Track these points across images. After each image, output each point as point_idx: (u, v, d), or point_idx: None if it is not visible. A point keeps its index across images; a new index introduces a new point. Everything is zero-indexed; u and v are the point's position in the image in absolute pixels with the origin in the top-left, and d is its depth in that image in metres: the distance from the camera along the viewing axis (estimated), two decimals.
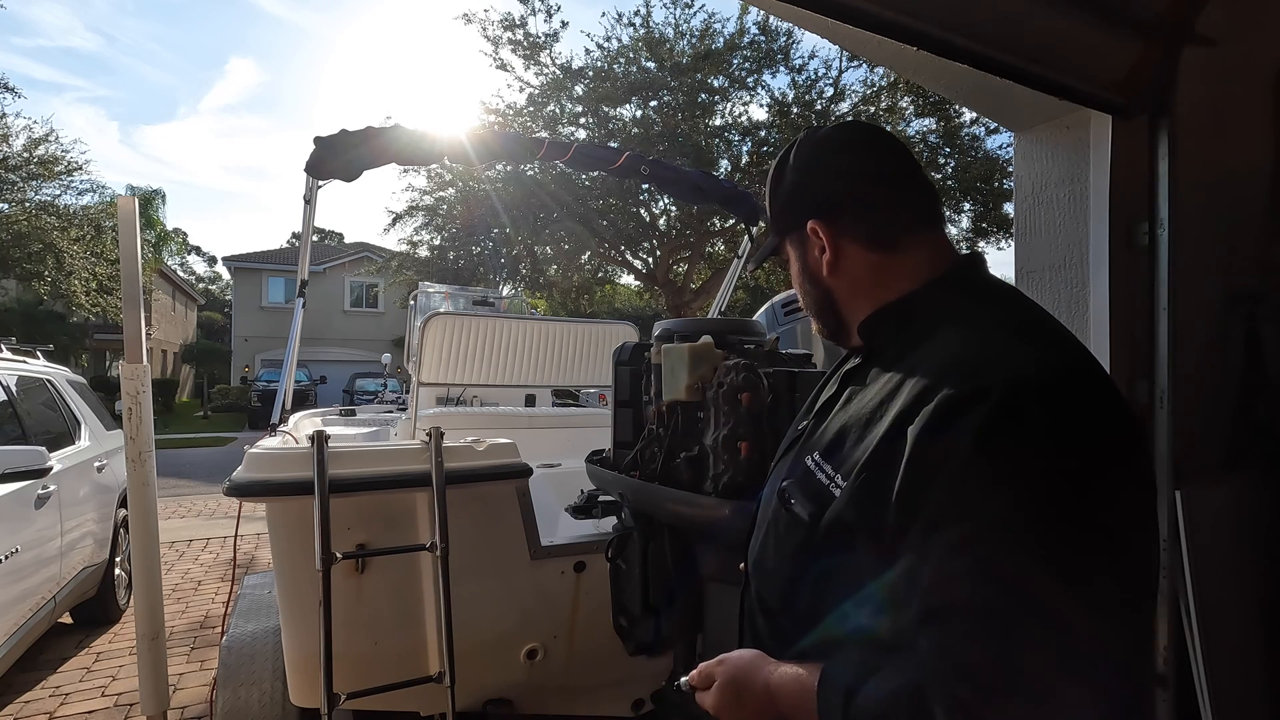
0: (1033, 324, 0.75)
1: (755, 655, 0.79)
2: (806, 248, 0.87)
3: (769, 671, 0.75)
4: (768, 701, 0.74)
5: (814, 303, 0.89)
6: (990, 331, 0.72)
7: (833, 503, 0.73)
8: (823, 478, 0.76)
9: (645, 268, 14.24)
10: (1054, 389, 0.64)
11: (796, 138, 0.91)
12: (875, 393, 0.76)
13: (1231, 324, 1.57)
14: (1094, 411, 0.64)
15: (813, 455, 0.79)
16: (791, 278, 0.92)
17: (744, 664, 0.79)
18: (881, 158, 0.85)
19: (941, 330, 0.74)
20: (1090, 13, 1.31)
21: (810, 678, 0.70)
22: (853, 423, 0.77)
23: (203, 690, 3.22)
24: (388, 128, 2.70)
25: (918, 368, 0.71)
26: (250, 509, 4.12)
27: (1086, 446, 0.62)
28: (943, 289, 0.80)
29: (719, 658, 0.81)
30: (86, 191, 16.15)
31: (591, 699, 2.19)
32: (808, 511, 0.76)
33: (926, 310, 0.79)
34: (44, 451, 3.19)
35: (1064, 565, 0.58)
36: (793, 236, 0.89)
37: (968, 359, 0.68)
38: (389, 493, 1.81)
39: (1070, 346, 0.72)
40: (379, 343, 23.75)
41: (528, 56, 11.84)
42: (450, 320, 3.63)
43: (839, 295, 0.86)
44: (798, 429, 0.92)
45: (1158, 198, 1.46)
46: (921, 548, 0.63)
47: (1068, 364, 0.68)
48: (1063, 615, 0.58)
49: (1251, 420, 1.58)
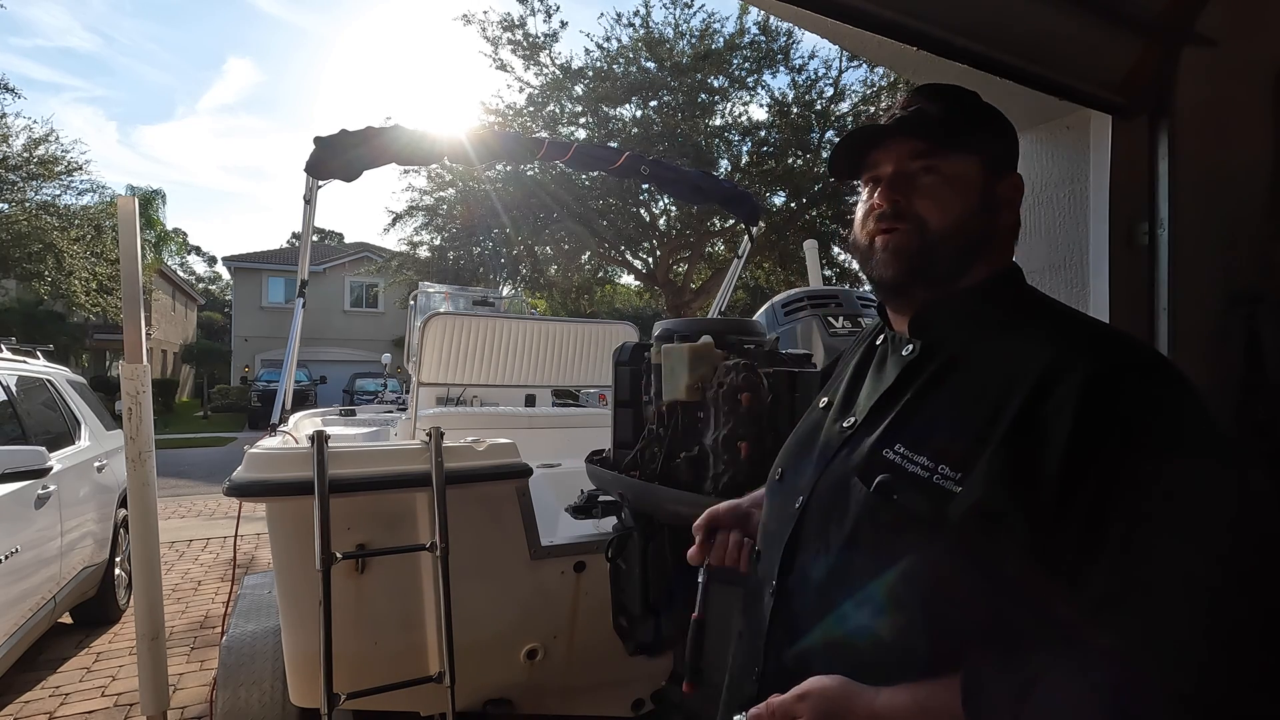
0: (1095, 321, 0.80)
1: (841, 681, 0.69)
2: (999, 183, 0.81)
3: (870, 698, 0.66)
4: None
5: (967, 235, 0.78)
6: (1070, 325, 0.75)
7: (950, 494, 0.67)
8: (918, 470, 0.70)
9: (645, 268, 14.24)
10: (1170, 368, 0.66)
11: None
12: (966, 382, 0.73)
13: (1231, 324, 1.57)
14: (1193, 388, 0.66)
15: (893, 449, 0.74)
16: (939, 186, 0.78)
17: (834, 693, 0.68)
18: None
19: (1013, 325, 0.76)
20: (1090, 13, 1.31)
21: (937, 697, 0.63)
22: (944, 413, 0.73)
23: (203, 690, 3.22)
24: (388, 128, 2.70)
25: (1020, 355, 0.70)
26: (250, 509, 4.12)
27: (1208, 417, 0.64)
28: (1014, 287, 0.82)
29: (797, 691, 0.70)
30: (86, 191, 16.19)
31: (591, 699, 2.19)
32: (924, 505, 0.68)
33: (1001, 304, 0.80)
34: (44, 451, 3.18)
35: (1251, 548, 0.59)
36: (993, 162, 0.81)
37: (1080, 346, 0.68)
38: (389, 493, 1.81)
39: (1135, 337, 0.76)
40: (379, 343, 23.75)
41: (527, 57, 11.85)
42: (450, 320, 3.63)
43: (993, 243, 0.80)
44: (840, 426, 0.84)
45: (1158, 198, 1.46)
46: (1092, 535, 0.59)
47: (1153, 349, 0.72)
48: (1259, 590, 0.57)
49: (1252, 420, 1.58)
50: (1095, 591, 0.59)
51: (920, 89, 0.84)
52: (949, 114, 0.80)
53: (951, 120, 0.80)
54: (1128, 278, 1.48)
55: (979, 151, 0.80)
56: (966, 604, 0.65)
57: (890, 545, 0.71)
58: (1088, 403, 0.62)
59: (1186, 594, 0.57)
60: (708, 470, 1.60)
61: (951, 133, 0.79)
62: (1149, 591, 0.57)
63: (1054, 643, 0.60)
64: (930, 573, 0.68)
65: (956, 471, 0.67)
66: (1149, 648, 0.57)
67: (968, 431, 0.69)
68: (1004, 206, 0.81)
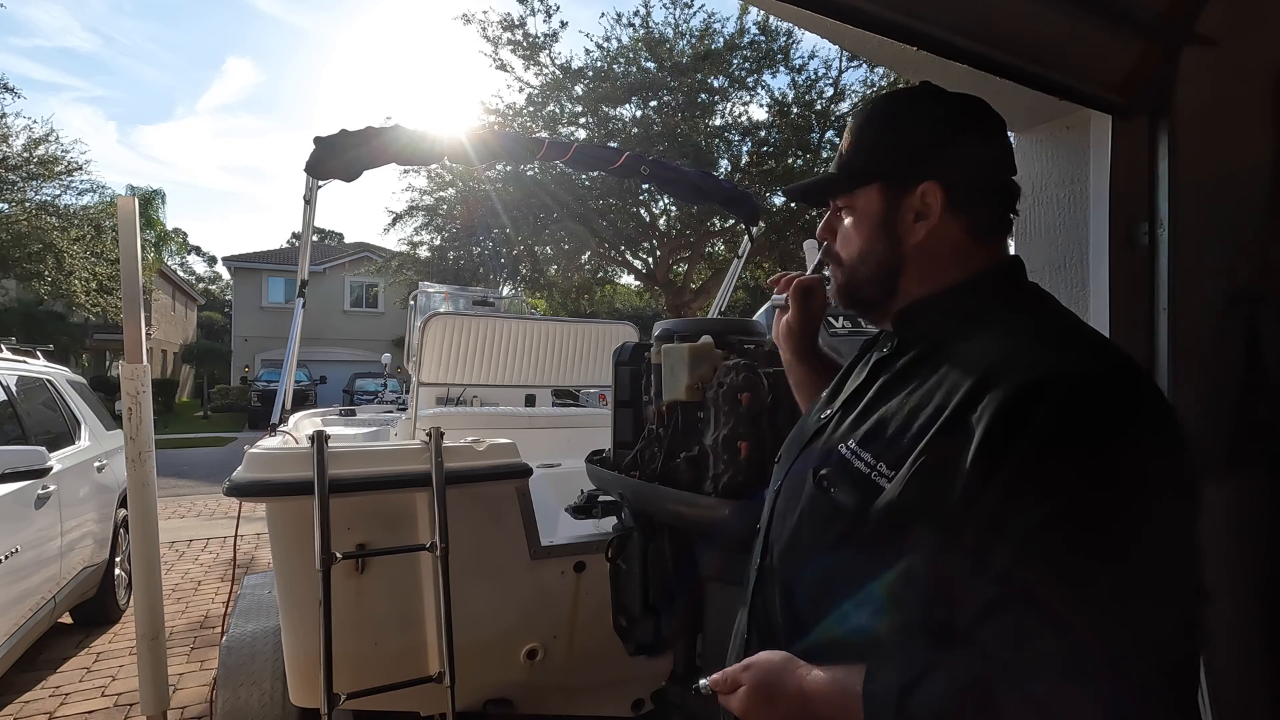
0: (1074, 322, 0.77)
1: (784, 657, 0.75)
2: (901, 205, 0.80)
3: (801, 674, 0.72)
4: (801, 705, 0.71)
5: (876, 264, 0.82)
6: (1045, 326, 0.74)
7: (881, 491, 0.70)
8: (862, 466, 0.73)
9: (645, 268, 14.24)
10: (1118, 379, 0.65)
11: (918, 85, 0.85)
12: (920, 383, 0.75)
13: (1231, 324, 1.57)
14: (1147, 407, 0.65)
15: (846, 444, 0.77)
16: (847, 225, 0.84)
17: (774, 666, 0.74)
18: (1009, 148, 0.83)
19: (989, 326, 0.75)
20: (1090, 13, 1.31)
21: (851, 679, 0.67)
22: (895, 412, 0.74)
23: (203, 690, 3.22)
24: (388, 128, 2.70)
25: (972, 359, 0.71)
26: (250, 509, 4.12)
27: (1146, 439, 0.62)
28: (996, 285, 0.80)
29: (745, 661, 0.77)
30: (86, 191, 16.19)
31: (591, 699, 2.19)
32: (853, 500, 0.73)
33: (982, 302, 0.79)
34: (44, 451, 3.18)
35: (1134, 556, 0.58)
36: (890, 186, 0.81)
37: (1031, 350, 0.68)
38: (389, 493, 1.81)
39: (1116, 349, 0.73)
40: (379, 343, 23.74)
41: (527, 57, 11.85)
42: (450, 320, 3.63)
43: (911, 265, 0.80)
44: (820, 418, 0.88)
45: (1158, 198, 1.46)
46: (987, 539, 0.61)
47: (1121, 355, 0.70)
48: (1136, 608, 0.57)
49: (1252, 420, 1.58)
50: (983, 595, 0.61)
51: (853, 115, 0.87)
52: (853, 150, 0.84)
53: (852, 158, 0.84)
54: (1128, 278, 1.48)
55: (876, 178, 0.82)
56: (873, 596, 0.70)
57: (822, 537, 0.77)
58: (1004, 412, 0.63)
59: (1059, 608, 0.58)
60: (708, 470, 1.59)
61: (851, 172, 0.83)
62: (1026, 601, 0.59)
63: (949, 642, 0.64)
64: (850, 565, 0.73)
65: (891, 470, 0.70)
66: (1019, 651, 0.59)
67: (908, 431, 0.71)
68: (916, 222, 0.79)
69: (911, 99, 0.84)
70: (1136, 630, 0.57)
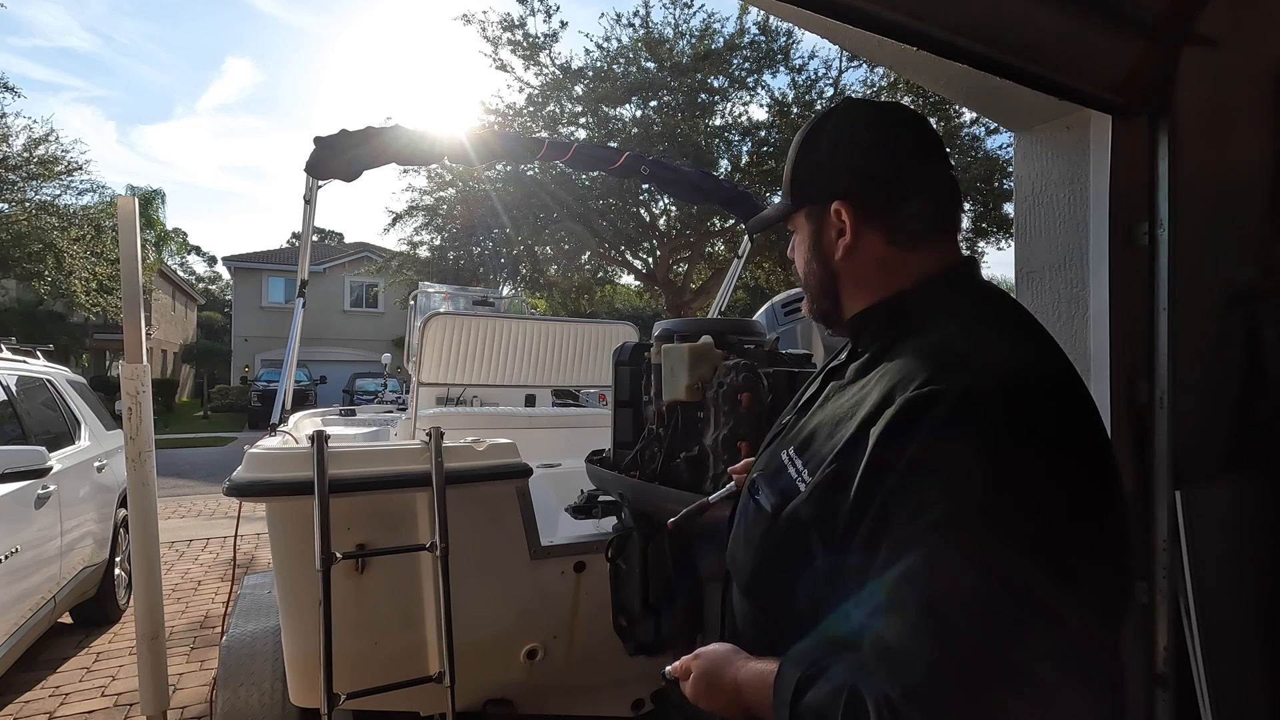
0: (1005, 329, 0.76)
1: (728, 650, 0.82)
2: (824, 225, 0.83)
3: (738, 666, 0.78)
4: (735, 695, 0.77)
5: (817, 283, 0.87)
6: (959, 337, 0.72)
7: (795, 497, 0.74)
8: (793, 472, 0.77)
9: (645, 268, 14.24)
10: (1009, 393, 0.64)
11: (838, 104, 0.87)
12: (850, 393, 0.78)
13: (1231, 324, 1.57)
14: (1050, 415, 0.64)
15: (788, 450, 0.80)
16: (795, 250, 0.90)
17: (716, 658, 0.81)
18: (926, 151, 0.83)
19: (919, 335, 0.74)
20: (1090, 13, 1.31)
21: (771, 673, 0.72)
22: (826, 421, 0.78)
23: (203, 690, 3.22)
24: (388, 128, 2.70)
25: (889, 371, 0.72)
26: (250, 509, 4.12)
27: (1038, 449, 0.62)
28: (933, 293, 0.79)
29: (696, 651, 0.84)
30: (86, 191, 16.18)
31: (591, 699, 2.19)
32: (770, 503, 0.78)
33: (912, 312, 0.79)
34: (44, 451, 3.18)
35: (1004, 568, 0.58)
36: (812, 209, 0.85)
37: (931, 363, 0.68)
38: (389, 493, 1.81)
39: (1042, 350, 0.73)
40: (379, 343, 23.75)
41: (527, 57, 11.84)
42: (450, 320, 3.63)
43: (844, 281, 0.84)
44: (781, 423, 0.93)
45: (1158, 198, 1.46)
46: (867, 549, 0.65)
47: (1031, 368, 0.69)
48: (1001, 617, 0.58)
49: (1251, 420, 1.58)
50: (868, 600, 0.64)
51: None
52: (785, 181, 0.88)
53: (786, 185, 0.88)
54: (1128, 278, 1.48)
55: (799, 202, 0.86)
56: (791, 597, 0.76)
57: (749, 537, 0.83)
58: (892, 426, 0.65)
59: (927, 618, 0.59)
60: (708, 470, 1.60)
61: (786, 202, 0.89)
62: (884, 619, 0.62)
63: (841, 643, 0.67)
64: (770, 565, 0.79)
65: (811, 477, 0.74)
66: (884, 657, 0.61)
67: (829, 441, 0.74)
68: (838, 239, 0.82)
69: (821, 120, 0.86)
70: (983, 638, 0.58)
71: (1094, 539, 0.61)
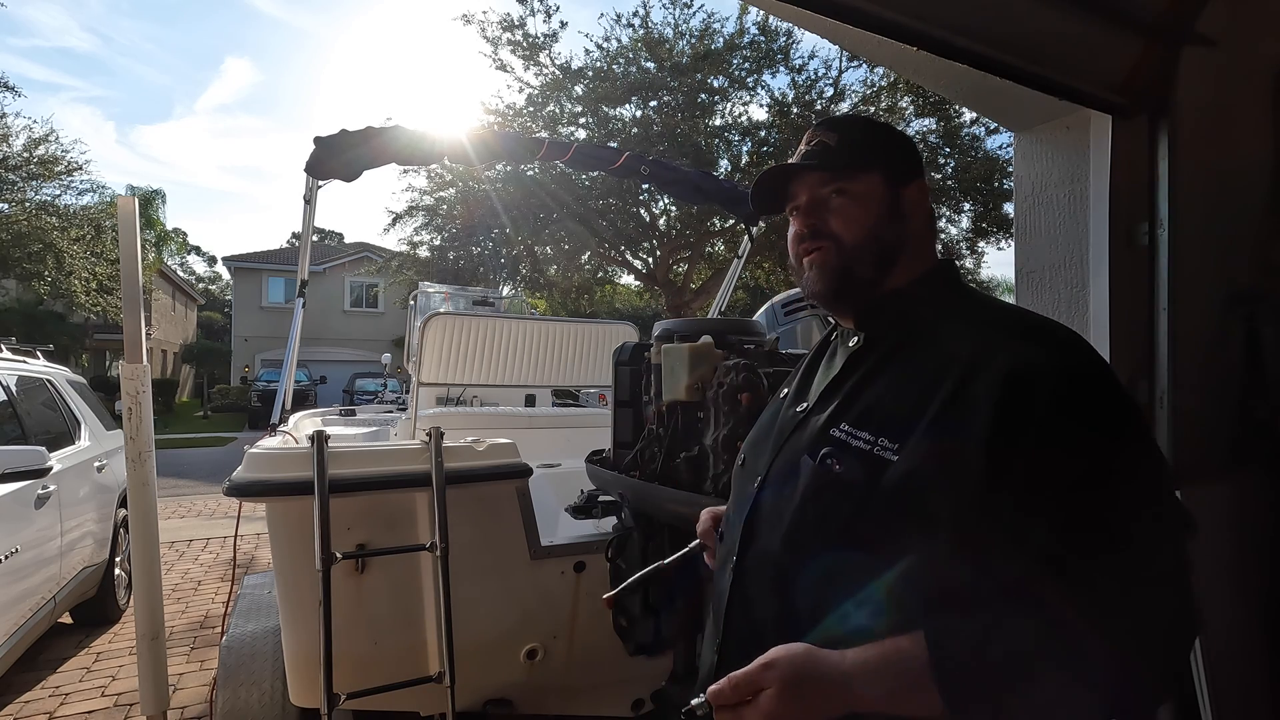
0: (1038, 319, 0.85)
1: (807, 648, 0.70)
2: (901, 193, 0.89)
3: (837, 659, 0.68)
4: (845, 691, 0.67)
5: (883, 245, 0.87)
6: (1005, 312, 0.85)
7: (888, 464, 0.75)
8: (861, 444, 0.78)
9: (645, 268, 14.24)
10: (1099, 368, 0.76)
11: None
12: (906, 367, 0.82)
13: (1231, 324, 1.57)
14: (1123, 395, 0.75)
15: (838, 428, 0.81)
16: (847, 206, 0.88)
17: (803, 659, 0.69)
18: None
19: (955, 315, 0.84)
20: (1090, 13, 1.31)
21: (905, 647, 0.66)
22: (886, 394, 0.81)
23: (203, 690, 3.22)
24: (388, 128, 2.70)
25: (956, 343, 0.78)
26: (250, 509, 4.12)
27: (1131, 423, 0.73)
28: (944, 280, 0.90)
29: (760, 662, 0.70)
30: (86, 191, 16.18)
31: (591, 699, 2.19)
32: (861, 473, 0.76)
33: (935, 296, 0.88)
34: (44, 451, 3.18)
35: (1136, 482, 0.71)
36: (891, 175, 0.89)
37: (1005, 334, 0.77)
38: (389, 493, 1.81)
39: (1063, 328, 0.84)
40: (379, 343, 23.74)
41: (527, 57, 11.84)
42: (450, 320, 3.64)
43: (907, 247, 0.89)
44: (795, 412, 0.91)
45: (1158, 198, 1.46)
46: (1024, 508, 0.68)
47: (1092, 353, 0.79)
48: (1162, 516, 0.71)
49: (1251, 420, 1.58)
50: (1036, 550, 0.67)
51: (819, 124, 0.94)
52: (845, 142, 0.90)
53: (848, 147, 0.90)
54: (1128, 278, 1.48)
55: (878, 168, 0.89)
56: (905, 564, 0.72)
57: (833, 515, 0.78)
58: (1007, 396, 0.71)
59: (1115, 558, 0.66)
60: (708, 470, 1.60)
61: (850, 157, 0.89)
62: (1087, 553, 0.67)
63: (997, 594, 0.67)
64: (861, 540, 0.75)
65: (894, 443, 0.75)
66: (1094, 604, 0.65)
67: (904, 410, 0.77)
68: (912, 211, 0.90)
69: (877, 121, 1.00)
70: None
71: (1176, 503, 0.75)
